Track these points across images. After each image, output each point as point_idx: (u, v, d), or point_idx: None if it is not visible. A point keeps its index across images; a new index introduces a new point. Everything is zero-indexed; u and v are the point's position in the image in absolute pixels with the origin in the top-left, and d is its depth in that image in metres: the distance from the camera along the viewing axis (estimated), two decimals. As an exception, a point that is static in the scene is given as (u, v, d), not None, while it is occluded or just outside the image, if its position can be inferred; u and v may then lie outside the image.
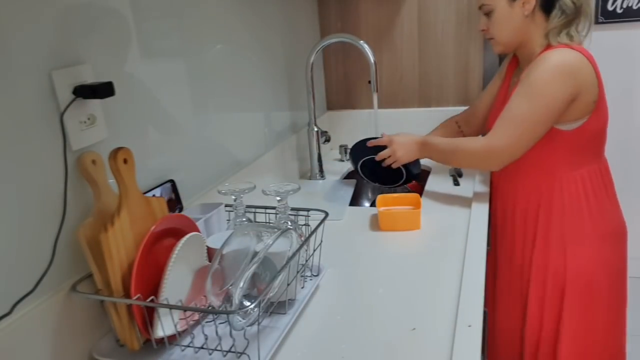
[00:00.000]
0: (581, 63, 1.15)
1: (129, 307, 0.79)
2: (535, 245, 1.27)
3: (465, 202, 1.40)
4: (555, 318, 1.25)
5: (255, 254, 0.85)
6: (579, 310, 1.23)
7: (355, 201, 1.79)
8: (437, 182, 1.58)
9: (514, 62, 1.40)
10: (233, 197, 1.02)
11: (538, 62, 1.17)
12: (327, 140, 1.72)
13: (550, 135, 1.20)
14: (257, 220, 1.10)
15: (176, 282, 0.82)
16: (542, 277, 1.25)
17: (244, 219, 1.03)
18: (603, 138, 1.27)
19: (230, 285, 0.85)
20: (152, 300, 0.77)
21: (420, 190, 1.54)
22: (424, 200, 1.40)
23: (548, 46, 1.21)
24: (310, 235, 0.98)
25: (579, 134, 1.20)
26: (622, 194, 1.34)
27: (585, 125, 1.19)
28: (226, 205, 1.09)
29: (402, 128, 1.90)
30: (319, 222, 1.00)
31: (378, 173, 1.49)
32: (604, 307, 1.25)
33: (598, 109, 1.19)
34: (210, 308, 0.82)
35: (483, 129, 1.51)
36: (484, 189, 1.44)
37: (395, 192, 1.56)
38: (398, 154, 1.40)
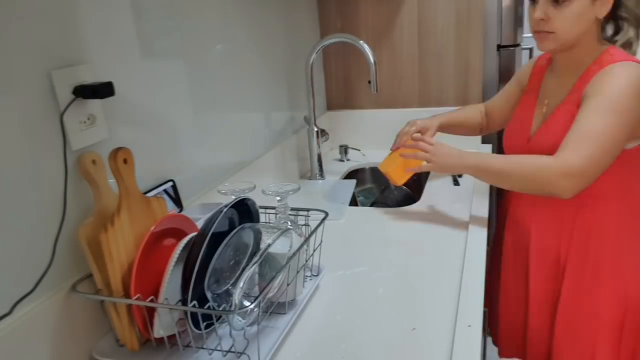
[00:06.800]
0: None
1: (129, 307, 0.79)
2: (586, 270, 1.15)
3: (465, 201, 1.40)
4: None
5: (255, 253, 0.85)
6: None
7: (355, 201, 1.80)
8: (437, 182, 1.58)
9: (541, 70, 1.27)
10: (233, 197, 1.02)
11: (609, 76, 1.06)
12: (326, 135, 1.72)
13: None
14: (257, 220, 1.10)
15: (176, 283, 0.82)
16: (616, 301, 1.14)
17: (244, 219, 1.03)
18: None
19: (230, 285, 0.85)
20: (152, 300, 0.77)
21: (420, 191, 1.54)
22: (424, 200, 1.40)
23: (602, 55, 1.10)
24: (310, 235, 0.98)
25: (636, 152, 1.10)
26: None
27: None
28: (226, 205, 1.09)
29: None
30: (319, 222, 1.00)
31: None
32: None
33: None
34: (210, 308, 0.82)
35: (490, 130, 1.48)
36: (483, 188, 1.45)
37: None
38: (434, 161, 1.24)
